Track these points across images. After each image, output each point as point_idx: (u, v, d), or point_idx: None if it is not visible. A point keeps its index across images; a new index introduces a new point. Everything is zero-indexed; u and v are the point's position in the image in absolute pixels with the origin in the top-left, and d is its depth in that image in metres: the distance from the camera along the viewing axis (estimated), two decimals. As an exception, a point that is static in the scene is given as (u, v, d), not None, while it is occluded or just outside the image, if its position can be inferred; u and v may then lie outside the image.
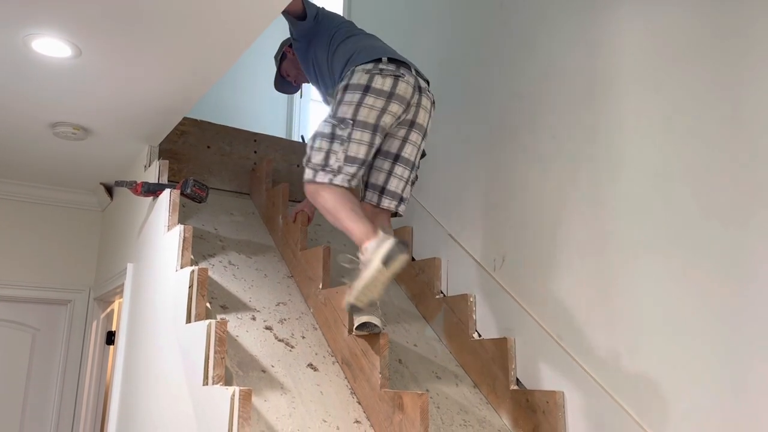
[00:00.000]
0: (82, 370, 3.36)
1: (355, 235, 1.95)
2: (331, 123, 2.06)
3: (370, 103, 2.06)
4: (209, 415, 1.66)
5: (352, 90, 2.08)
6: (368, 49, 2.21)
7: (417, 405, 1.78)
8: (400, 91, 2.10)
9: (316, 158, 2.04)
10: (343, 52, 2.25)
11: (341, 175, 2.02)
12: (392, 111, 2.09)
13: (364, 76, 2.09)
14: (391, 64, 2.13)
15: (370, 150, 2.06)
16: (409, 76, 2.14)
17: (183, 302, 2.00)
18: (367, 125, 2.04)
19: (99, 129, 2.64)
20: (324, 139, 2.05)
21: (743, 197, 1.67)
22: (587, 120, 2.17)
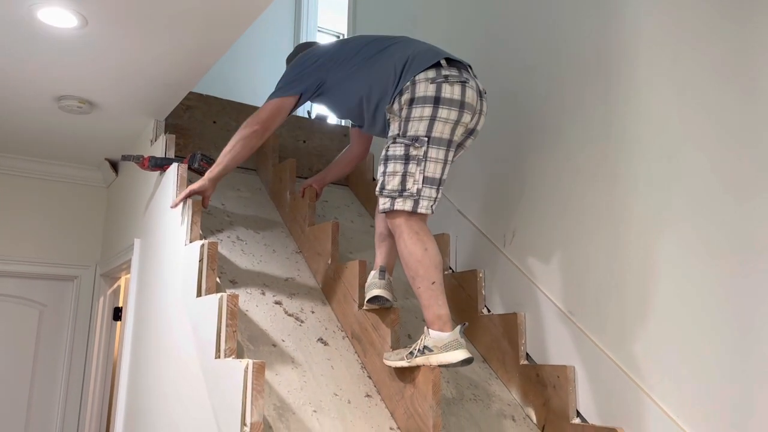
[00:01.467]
0: (89, 346, 3.37)
1: (428, 312, 1.83)
2: (404, 143, 1.87)
3: (444, 116, 1.86)
4: (222, 388, 1.65)
5: (420, 103, 1.87)
6: (423, 54, 1.97)
7: (429, 379, 1.78)
8: (469, 99, 1.90)
9: (391, 183, 1.86)
10: (389, 64, 2.00)
11: (424, 201, 1.85)
12: (464, 122, 1.90)
13: (431, 87, 1.87)
14: (453, 68, 1.92)
15: (446, 167, 1.89)
16: (472, 79, 1.95)
17: (193, 276, 1.99)
18: (442, 141, 1.86)
19: (104, 102, 2.61)
20: (397, 161, 1.86)
21: (758, 171, 1.64)
22: (600, 93, 2.13)
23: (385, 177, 1.88)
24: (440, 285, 1.84)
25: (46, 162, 3.37)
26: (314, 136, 3.42)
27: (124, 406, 2.66)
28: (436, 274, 1.84)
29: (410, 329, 2.32)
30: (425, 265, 1.83)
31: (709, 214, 1.76)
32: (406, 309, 2.43)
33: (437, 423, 1.74)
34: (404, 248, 1.86)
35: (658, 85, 1.95)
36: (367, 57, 2.08)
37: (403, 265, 1.88)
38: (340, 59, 2.14)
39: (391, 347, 1.96)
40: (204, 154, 2.48)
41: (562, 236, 2.21)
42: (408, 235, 1.85)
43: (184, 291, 2.07)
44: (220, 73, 3.84)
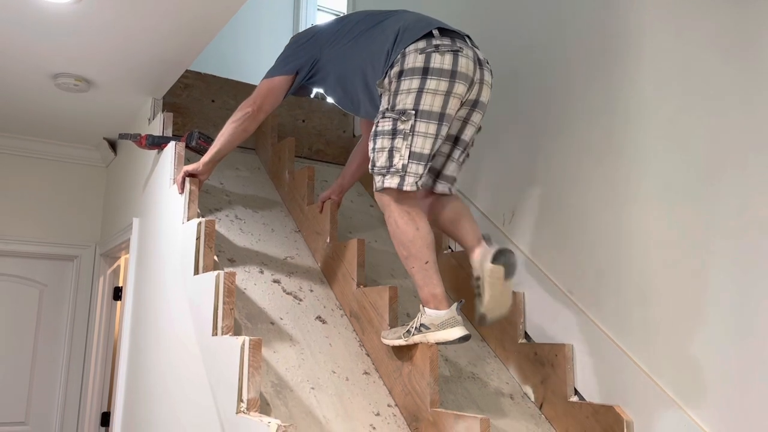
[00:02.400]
0: (90, 325, 3.38)
1: (422, 291, 1.82)
2: (391, 117, 1.79)
3: (433, 87, 1.76)
4: (219, 365, 1.66)
5: (408, 75, 1.79)
6: (414, 24, 1.88)
7: (426, 356, 1.78)
8: (462, 68, 1.80)
9: (379, 160, 1.81)
10: (381, 38, 1.92)
11: (409, 178, 1.77)
12: (458, 92, 1.80)
13: (419, 57, 1.79)
14: (446, 38, 1.83)
15: (436, 142, 1.79)
16: (467, 48, 1.84)
17: (191, 254, 1.98)
18: (432, 114, 1.77)
19: (101, 80, 2.59)
20: (385, 136, 1.79)
21: (760, 146, 1.63)
22: (603, 68, 2.11)
23: (374, 154, 1.82)
24: (434, 264, 1.82)
25: (45, 141, 3.36)
26: (313, 116, 3.39)
27: (124, 384, 2.68)
28: (429, 253, 1.81)
29: (409, 308, 2.32)
30: (417, 245, 1.80)
31: (708, 188, 1.74)
32: (404, 288, 2.42)
33: (435, 400, 1.75)
34: (395, 228, 1.82)
35: (661, 58, 1.92)
36: (361, 32, 2.00)
37: (395, 245, 1.85)
38: (334, 35, 2.07)
39: (389, 326, 1.96)
40: (202, 132, 2.46)
41: (562, 215, 2.20)
42: (398, 215, 1.81)
43: (182, 269, 2.07)
44: (218, 51, 3.81)
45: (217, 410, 1.64)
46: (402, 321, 2.20)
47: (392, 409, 1.86)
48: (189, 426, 1.90)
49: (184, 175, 2.15)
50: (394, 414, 1.84)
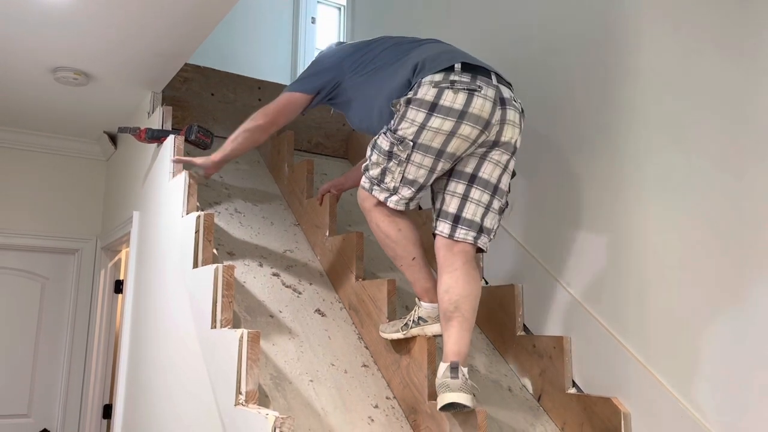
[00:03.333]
0: (91, 319, 3.39)
1: (416, 286, 1.86)
2: (390, 140, 1.76)
3: (436, 125, 1.69)
4: (218, 357, 1.67)
5: (416, 106, 1.72)
6: (437, 56, 1.81)
7: (424, 349, 1.79)
8: (475, 110, 1.69)
9: (372, 170, 1.82)
10: (403, 73, 1.84)
11: (396, 197, 1.78)
12: (463, 134, 1.70)
13: (432, 91, 1.71)
14: (466, 74, 1.73)
15: (431, 175, 1.76)
16: (488, 87, 1.73)
17: (190, 248, 1.99)
18: (430, 149, 1.72)
19: (100, 74, 2.59)
20: (381, 154, 1.79)
21: (758, 142, 1.63)
22: (602, 62, 2.10)
23: (369, 161, 1.83)
24: (421, 258, 1.83)
25: (46, 135, 3.36)
26: (313, 109, 3.38)
27: (125, 377, 2.70)
28: (415, 249, 1.83)
29: (407, 301, 2.33)
30: (402, 244, 1.82)
31: (706, 183, 1.75)
32: (403, 281, 2.43)
33: (433, 392, 1.75)
34: (378, 231, 1.85)
35: (660, 53, 1.92)
36: (386, 64, 1.93)
37: (381, 246, 1.89)
38: (360, 60, 1.99)
39: (387, 318, 1.97)
40: (201, 125, 2.46)
41: (560, 208, 2.20)
42: (380, 218, 1.83)
43: (181, 262, 2.08)
44: (217, 44, 3.80)
45: (216, 402, 1.65)
46: (401, 314, 2.21)
47: (390, 402, 1.87)
48: (188, 418, 1.92)
49: (191, 163, 2.21)
50: (392, 406, 1.85)
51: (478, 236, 1.77)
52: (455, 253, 1.76)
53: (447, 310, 1.71)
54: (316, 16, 4.75)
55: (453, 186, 1.80)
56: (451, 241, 1.77)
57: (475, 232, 1.77)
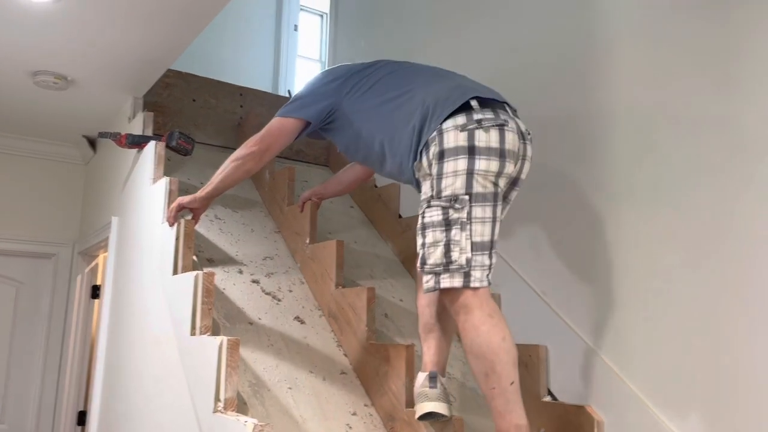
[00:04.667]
0: (67, 324, 3.36)
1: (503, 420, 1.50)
2: (440, 206, 1.54)
3: (484, 168, 1.53)
4: (196, 364, 1.67)
5: (452, 156, 1.54)
6: (447, 94, 1.64)
7: (402, 357, 1.81)
8: (509, 145, 1.57)
9: (432, 257, 1.53)
10: (409, 110, 1.68)
11: (476, 271, 1.51)
12: (507, 173, 1.58)
13: (461, 135, 1.55)
14: (487, 110, 1.60)
15: (496, 225, 1.56)
16: (511, 120, 1.62)
17: (169, 254, 1.99)
18: (487, 197, 1.54)
19: (81, 78, 2.58)
20: (437, 228, 1.53)
21: (733, 152, 1.67)
22: (581, 72, 2.15)
23: (425, 249, 1.55)
24: (518, 385, 1.52)
25: (24, 138, 3.33)
26: (295, 116, 3.40)
27: (101, 383, 2.67)
28: (515, 371, 1.51)
29: (387, 309, 2.35)
30: (503, 360, 1.48)
31: (680, 191, 1.79)
32: (383, 288, 2.45)
33: (410, 400, 1.77)
34: (475, 336, 1.50)
35: (638, 63, 1.96)
36: (390, 95, 1.76)
37: (471, 358, 1.53)
38: (358, 86, 1.84)
39: (367, 326, 1.98)
40: (182, 132, 2.47)
41: (535, 216, 2.24)
42: (480, 319, 1.50)
43: (161, 269, 2.08)
44: (200, 50, 3.80)
45: (194, 409, 1.65)
46: (380, 322, 2.23)
47: (369, 409, 1.88)
48: (166, 425, 1.91)
49: (178, 208, 1.96)
50: (370, 413, 1.87)
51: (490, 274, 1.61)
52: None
53: (428, 323, 1.68)
54: (299, 23, 4.78)
55: None
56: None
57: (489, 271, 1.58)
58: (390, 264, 2.70)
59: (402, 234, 2.78)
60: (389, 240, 2.85)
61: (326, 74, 1.93)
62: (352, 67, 1.91)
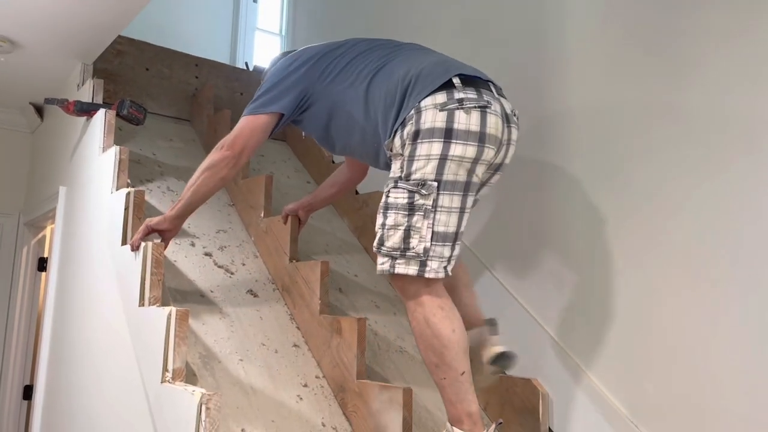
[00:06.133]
0: (12, 297, 3.26)
1: (454, 408, 1.49)
2: (407, 189, 1.47)
3: (459, 153, 1.45)
4: (145, 335, 1.65)
5: (427, 137, 1.46)
6: (429, 70, 1.54)
7: (354, 329, 1.82)
8: (491, 129, 1.49)
9: (390, 239, 1.48)
10: (387, 85, 1.58)
11: (433, 262, 1.46)
12: (486, 159, 1.50)
13: (440, 115, 1.46)
14: (469, 88, 1.50)
15: (463, 217, 1.50)
16: (495, 102, 1.52)
17: (119, 225, 1.95)
18: (456, 185, 1.47)
19: (27, 42, 2.48)
20: (398, 211, 1.47)
21: (681, 136, 1.73)
22: (534, 54, 2.17)
23: (384, 230, 1.50)
24: (469, 375, 1.51)
25: (-35, 104, 3.20)
26: (252, 89, 3.34)
27: (48, 357, 2.62)
28: (466, 361, 1.50)
29: (341, 283, 2.36)
30: (453, 351, 1.47)
31: (629, 177, 1.84)
32: (337, 263, 2.45)
33: (361, 371, 1.79)
34: (424, 327, 1.49)
35: (589, 50, 2.00)
36: (364, 77, 1.64)
37: (421, 348, 1.52)
38: (330, 70, 1.71)
39: (320, 299, 1.98)
40: (134, 101, 2.41)
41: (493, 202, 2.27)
42: (430, 310, 1.49)
43: (110, 240, 2.03)
44: (155, 19, 3.70)
45: (142, 380, 1.64)
46: (333, 297, 2.24)
47: (320, 381, 1.90)
48: (114, 397, 1.89)
49: (146, 231, 1.76)
50: (321, 385, 1.88)
51: (449, 266, 1.53)
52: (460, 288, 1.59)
53: None
54: (257, -3, 4.68)
55: None
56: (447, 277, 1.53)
57: (448, 263, 1.52)
58: (346, 240, 2.71)
59: (358, 210, 2.78)
60: (345, 216, 2.85)
61: (291, 60, 1.77)
62: (320, 49, 1.77)
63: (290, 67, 1.74)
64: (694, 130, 1.68)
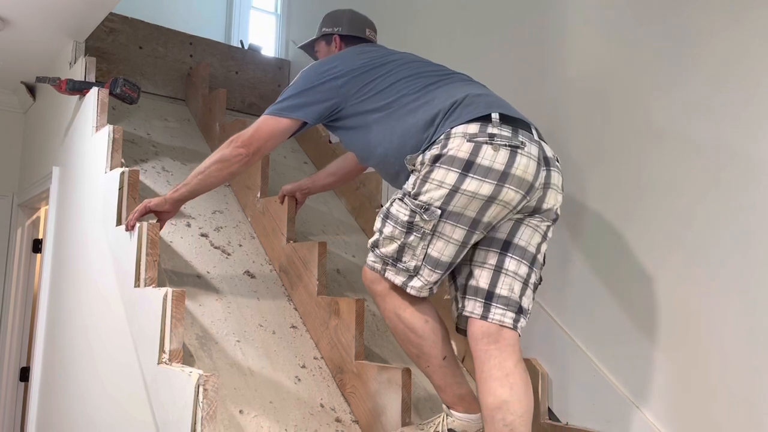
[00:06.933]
0: (7, 279, 3.24)
1: (446, 393, 1.51)
2: (410, 207, 1.43)
3: (472, 189, 1.38)
4: (141, 316, 1.63)
5: (445, 164, 1.40)
6: (473, 100, 1.49)
7: (353, 310, 1.81)
8: (518, 171, 1.40)
9: (384, 246, 1.47)
10: (427, 113, 1.51)
11: (419, 281, 1.45)
12: (505, 200, 1.40)
13: (466, 146, 1.40)
14: (506, 127, 1.44)
15: (461, 251, 1.44)
16: (531, 144, 1.44)
17: (113, 205, 1.92)
18: (462, 218, 1.40)
19: (17, 19, 2.43)
20: (397, 226, 1.45)
21: (679, 108, 1.70)
22: (535, 33, 2.14)
23: (380, 236, 1.48)
24: (452, 357, 1.51)
25: (-44, 83, 3.14)
26: (247, 68, 3.31)
27: (44, 339, 2.60)
28: (445, 346, 1.50)
29: (339, 264, 2.34)
30: (430, 340, 1.48)
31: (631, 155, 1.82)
32: (334, 243, 2.43)
33: (360, 352, 1.78)
34: (397, 322, 1.50)
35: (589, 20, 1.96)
36: (404, 104, 1.57)
37: (399, 341, 1.54)
38: (368, 88, 1.63)
39: (318, 280, 1.96)
40: (127, 79, 2.36)
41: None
42: (399, 305, 1.49)
43: (104, 220, 2.00)
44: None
45: (138, 362, 1.62)
46: (331, 278, 2.22)
47: (318, 362, 1.88)
48: (110, 378, 1.87)
49: (144, 211, 1.71)
50: (319, 366, 1.87)
51: (518, 318, 1.45)
52: (502, 348, 1.41)
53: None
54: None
55: (482, 256, 1.47)
56: (492, 329, 1.42)
57: (513, 312, 1.44)
58: (343, 220, 2.69)
59: (356, 191, 2.76)
60: (343, 196, 2.82)
61: (330, 66, 1.68)
62: (363, 63, 1.67)
63: (327, 74, 1.66)
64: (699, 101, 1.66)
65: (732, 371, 1.53)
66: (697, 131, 1.65)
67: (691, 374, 1.62)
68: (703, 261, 1.60)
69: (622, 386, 1.77)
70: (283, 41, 3.71)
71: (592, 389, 1.83)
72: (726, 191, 1.57)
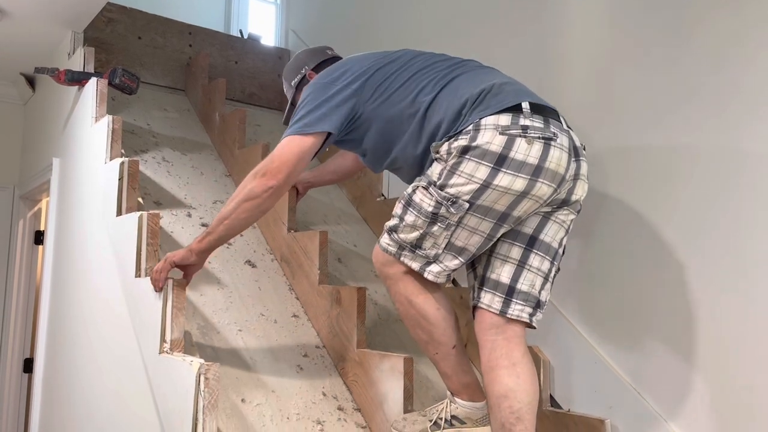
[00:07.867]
0: (9, 271, 3.25)
1: (451, 381, 1.51)
2: (435, 198, 1.37)
3: (505, 184, 1.33)
4: (142, 306, 1.63)
5: (476, 157, 1.34)
6: (502, 89, 1.43)
7: (354, 299, 1.80)
8: (552, 164, 1.35)
9: (402, 232, 1.42)
10: (450, 102, 1.44)
11: (437, 267, 1.41)
12: (537, 195, 1.36)
13: (498, 138, 1.33)
14: (537, 117, 1.38)
15: (486, 243, 1.40)
16: (562, 134, 1.39)
17: (113, 195, 1.92)
18: (491, 212, 1.36)
19: (14, 9, 2.42)
20: (420, 216, 1.39)
21: (679, 90, 1.69)
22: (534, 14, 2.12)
23: (400, 222, 1.42)
24: (461, 346, 1.50)
25: (-45, 75, 3.14)
26: (246, 57, 3.29)
27: (47, 330, 2.61)
28: (455, 334, 1.48)
29: (340, 253, 2.34)
30: (441, 327, 1.46)
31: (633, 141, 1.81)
32: (335, 233, 2.43)
33: (361, 341, 1.78)
34: (409, 307, 1.46)
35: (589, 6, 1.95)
36: (427, 92, 1.49)
37: (408, 326, 1.51)
38: (384, 87, 1.55)
39: (319, 269, 1.96)
40: (126, 69, 2.35)
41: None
42: (411, 290, 1.45)
43: (104, 211, 2.00)
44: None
45: (140, 351, 1.62)
46: (332, 267, 2.22)
47: (320, 350, 1.89)
48: (112, 368, 1.88)
49: (169, 267, 1.54)
50: (321, 355, 1.87)
51: (534, 313, 1.44)
52: (510, 338, 1.41)
53: (507, 422, 1.35)
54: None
55: (505, 249, 1.43)
56: (502, 320, 1.41)
57: (531, 308, 1.43)
58: (344, 210, 2.68)
59: (357, 180, 2.75)
60: (344, 186, 2.82)
61: (339, 74, 1.59)
62: (372, 63, 1.59)
63: (338, 82, 1.57)
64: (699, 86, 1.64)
65: (732, 353, 1.53)
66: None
67: (693, 361, 1.61)
68: (698, 249, 1.60)
69: (624, 373, 1.77)
70: (283, 30, 3.69)
71: (593, 376, 1.83)
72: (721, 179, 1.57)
